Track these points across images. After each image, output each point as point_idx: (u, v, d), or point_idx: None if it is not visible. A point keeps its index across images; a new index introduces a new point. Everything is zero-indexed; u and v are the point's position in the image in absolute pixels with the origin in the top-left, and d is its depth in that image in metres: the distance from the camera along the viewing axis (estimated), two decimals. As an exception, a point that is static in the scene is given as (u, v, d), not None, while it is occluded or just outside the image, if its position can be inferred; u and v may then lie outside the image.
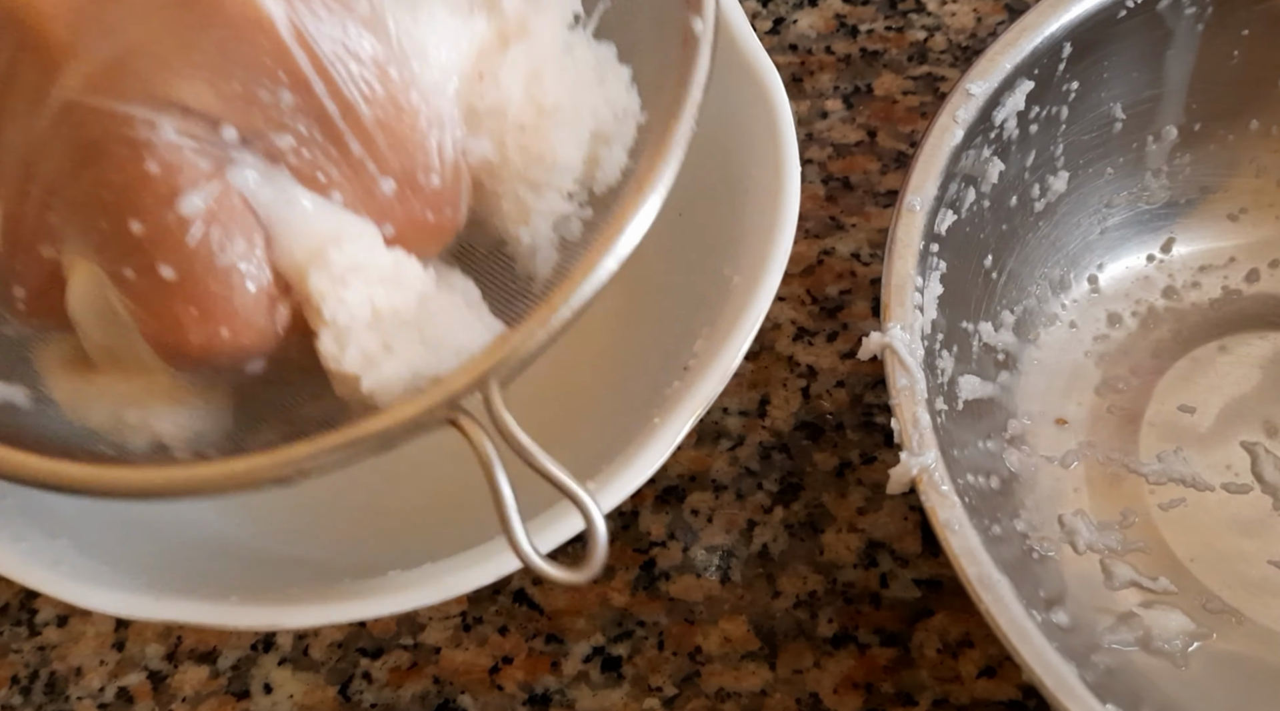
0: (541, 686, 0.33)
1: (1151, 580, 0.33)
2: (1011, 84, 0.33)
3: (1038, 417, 0.36)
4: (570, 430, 0.35)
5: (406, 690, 0.33)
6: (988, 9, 0.46)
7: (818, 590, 0.34)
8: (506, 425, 0.22)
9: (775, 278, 0.29)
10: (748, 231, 0.32)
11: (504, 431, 0.22)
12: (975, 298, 0.35)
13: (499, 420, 0.22)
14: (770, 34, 0.46)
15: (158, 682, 0.34)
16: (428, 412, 0.22)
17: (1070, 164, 0.36)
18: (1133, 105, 0.36)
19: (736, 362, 0.28)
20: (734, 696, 0.33)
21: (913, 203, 0.31)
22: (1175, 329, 0.37)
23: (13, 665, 0.35)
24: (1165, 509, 0.34)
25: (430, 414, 0.22)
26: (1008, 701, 0.32)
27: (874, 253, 0.40)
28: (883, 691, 0.33)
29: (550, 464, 0.22)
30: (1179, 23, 0.35)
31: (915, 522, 0.35)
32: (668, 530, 0.36)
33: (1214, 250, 0.39)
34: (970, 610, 0.26)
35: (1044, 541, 0.33)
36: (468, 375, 0.22)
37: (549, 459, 0.22)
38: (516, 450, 0.22)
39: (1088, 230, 0.38)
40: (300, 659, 0.34)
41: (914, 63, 0.45)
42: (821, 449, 0.37)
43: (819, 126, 0.44)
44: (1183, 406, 0.36)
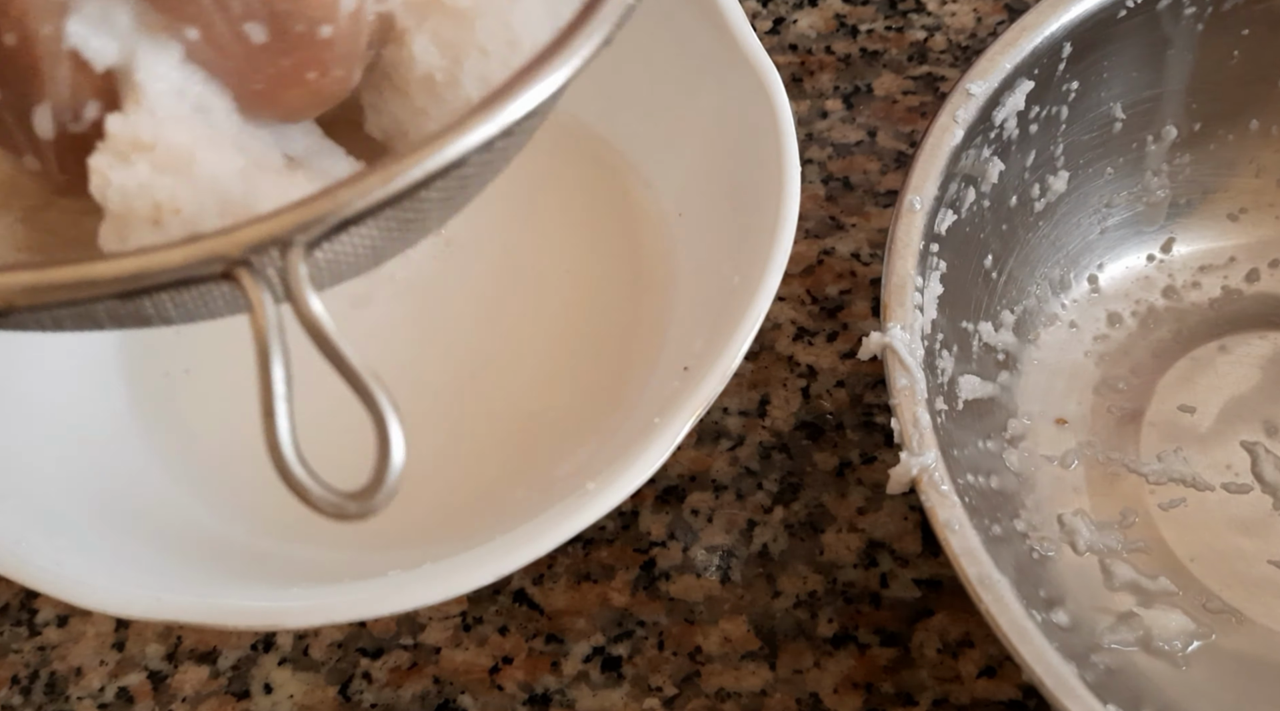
0: (541, 686, 0.33)
1: (1151, 580, 0.33)
2: (1011, 84, 0.33)
3: (1038, 417, 0.36)
4: (570, 430, 0.35)
5: (406, 690, 0.33)
6: (988, 9, 0.46)
7: (818, 590, 0.34)
8: (300, 291, 0.17)
9: (775, 278, 0.29)
10: (748, 231, 0.32)
11: (295, 296, 0.17)
12: (975, 298, 0.35)
13: (292, 284, 0.17)
14: (770, 34, 0.46)
15: (158, 682, 0.34)
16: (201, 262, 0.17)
17: (1070, 164, 0.36)
18: (1133, 105, 0.36)
19: (736, 363, 0.28)
20: (734, 696, 0.33)
21: (913, 203, 0.31)
22: (1175, 329, 0.37)
23: (13, 665, 0.35)
24: (1165, 509, 0.34)
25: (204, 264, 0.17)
26: (1008, 701, 0.32)
27: (874, 253, 0.40)
28: (883, 691, 0.33)
29: (345, 349, 0.17)
30: (1179, 22, 0.35)
31: (915, 522, 0.35)
32: (668, 530, 0.36)
33: (1214, 250, 0.39)
34: (970, 610, 0.26)
35: (1044, 541, 0.33)
36: (266, 227, 0.17)
37: (343, 343, 0.17)
38: (307, 324, 0.17)
39: (1088, 230, 0.38)
40: (300, 659, 0.34)
41: (914, 63, 0.45)
42: (821, 449, 0.37)
43: (819, 126, 0.44)
44: (1183, 406, 0.36)
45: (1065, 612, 0.30)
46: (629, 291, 0.37)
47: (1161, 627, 0.31)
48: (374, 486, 0.17)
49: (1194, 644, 0.32)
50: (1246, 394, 0.36)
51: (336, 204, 0.18)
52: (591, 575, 0.35)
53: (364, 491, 0.17)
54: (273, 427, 0.17)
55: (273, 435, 0.17)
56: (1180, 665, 0.31)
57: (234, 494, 0.34)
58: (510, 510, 0.32)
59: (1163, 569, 0.33)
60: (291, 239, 0.17)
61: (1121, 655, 0.31)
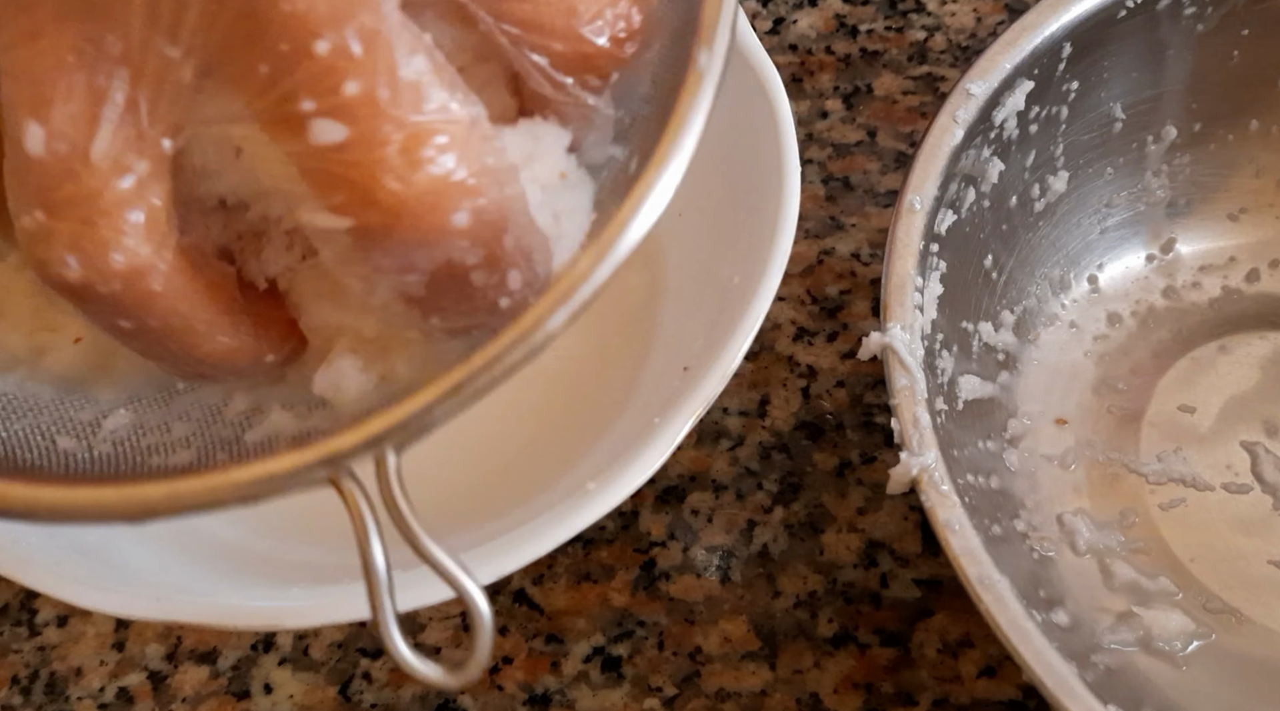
0: (541, 686, 0.33)
1: (1151, 580, 0.33)
2: (1011, 84, 0.33)
3: (1038, 417, 0.36)
4: (570, 430, 0.35)
5: (406, 690, 0.33)
6: (988, 9, 0.46)
7: (818, 590, 0.34)
8: (393, 496, 0.19)
9: (775, 278, 0.29)
10: (748, 231, 0.32)
11: (389, 502, 0.19)
12: (975, 298, 0.35)
13: (387, 490, 0.19)
14: (770, 34, 0.46)
15: (158, 682, 0.34)
16: (304, 470, 0.19)
17: (1070, 164, 0.36)
18: (1133, 105, 0.36)
19: (736, 363, 0.28)
20: (734, 696, 0.33)
21: (913, 203, 0.31)
22: (1175, 329, 0.37)
23: (13, 665, 0.35)
24: (1165, 509, 0.34)
25: (307, 471, 0.19)
26: (1008, 701, 0.32)
27: (874, 253, 0.40)
28: (883, 691, 0.33)
29: (432, 545, 0.19)
30: (1179, 23, 0.35)
31: (915, 522, 0.35)
32: (668, 530, 0.36)
33: (1214, 250, 0.39)
34: (970, 610, 0.26)
35: (1044, 541, 0.33)
36: (357, 435, 0.19)
37: (431, 540, 0.19)
38: (398, 525, 0.19)
39: (1088, 230, 0.38)
40: (300, 659, 0.34)
41: (914, 63, 0.45)
42: (821, 449, 0.37)
43: (819, 126, 0.44)
44: (1183, 406, 0.36)
45: (1065, 612, 0.30)
46: (629, 291, 0.37)
47: (1161, 627, 0.31)
48: (473, 662, 0.19)
49: (1194, 644, 0.32)
50: (1246, 394, 0.36)
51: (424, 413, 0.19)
52: (591, 575, 0.35)
53: (464, 666, 0.19)
54: (384, 620, 0.19)
55: (384, 626, 0.19)
56: (1180, 665, 0.31)
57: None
58: (510, 510, 0.32)
59: (1163, 569, 0.33)
60: (383, 445, 0.19)
61: (1121, 655, 0.31)
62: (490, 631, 0.19)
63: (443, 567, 0.19)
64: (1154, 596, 0.32)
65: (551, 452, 0.34)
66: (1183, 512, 0.34)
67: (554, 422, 0.35)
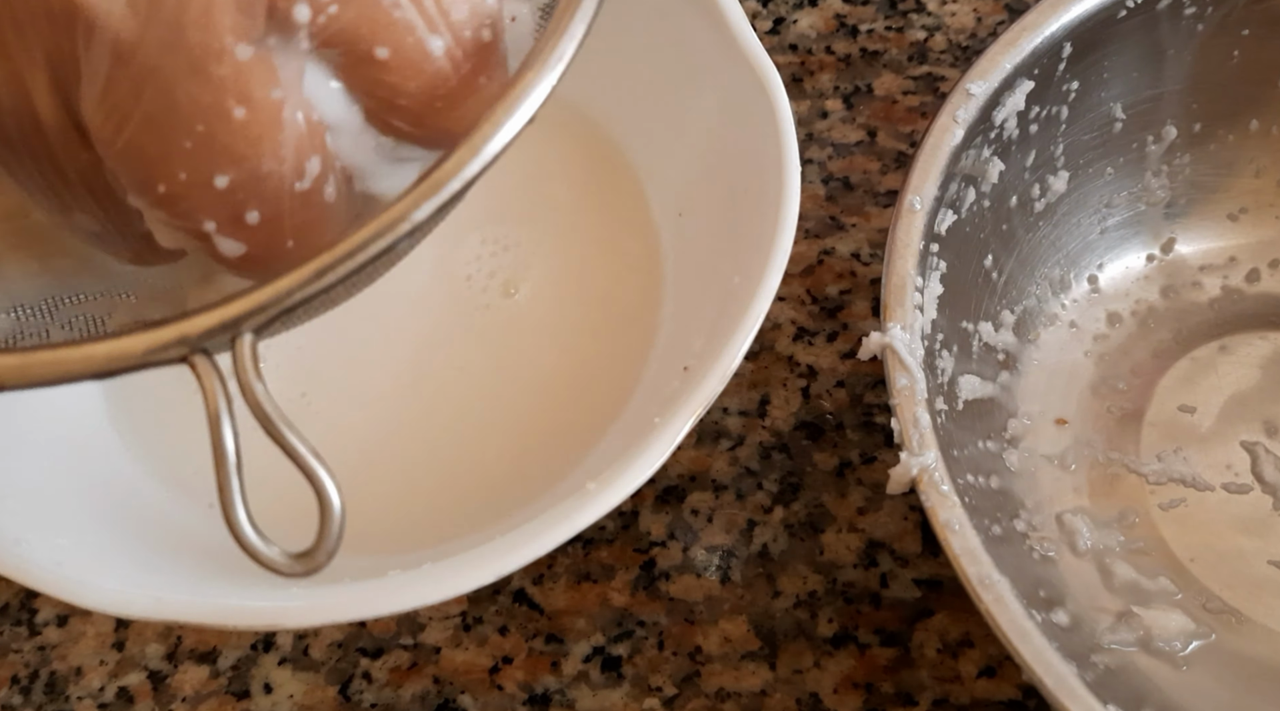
0: (541, 686, 0.33)
1: (1151, 580, 0.33)
2: (1011, 84, 0.33)
3: (1038, 417, 0.36)
4: (569, 430, 0.35)
5: (406, 690, 0.33)
6: (988, 9, 0.46)
7: (818, 590, 0.34)
8: (248, 378, 0.20)
9: (775, 278, 0.29)
10: (748, 231, 0.32)
11: (243, 383, 0.20)
12: (975, 298, 0.35)
13: (242, 370, 0.20)
14: (770, 34, 0.46)
15: (158, 682, 0.34)
16: (159, 348, 0.20)
17: (1070, 164, 0.36)
18: (1133, 105, 0.36)
19: (736, 363, 0.28)
20: (734, 696, 0.33)
21: (913, 203, 0.31)
22: (1175, 329, 0.37)
23: (13, 665, 0.35)
24: (1165, 509, 0.34)
25: (162, 350, 0.20)
26: (1008, 701, 0.32)
27: (874, 253, 0.40)
28: (883, 691, 0.33)
29: (287, 431, 0.20)
30: (1179, 23, 0.35)
31: (915, 522, 0.35)
32: (668, 530, 0.36)
33: (1214, 250, 0.39)
34: (970, 610, 0.26)
35: (1044, 541, 0.33)
36: (213, 317, 0.20)
37: (288, 425, 0.20)
38: (253, 407, 0.20)
39: (1088, 230, 0.38)
40: (300, 659, 0.34)
41: (914, 63, 0.45)
42: (821, 449, 0.37)
43: (819, 126, 0.44)
44: (1183, 406, 0.36)
45: (1065, 612, 0.30)
46: (628, 291, 0.37)
47: (1161, 627, 0.31)
48: (317, 548, 0.20)
49: (1194, 644, 0.32)
50: (1246, 394, 0.36)
51: (278, 294, 0.20)
52: (591, 575, 0.35)
53: (308, 553, 0.20)
54: (229, 499, 0.19)
55: (229, 505, 0.19)
56: (1180, 665, 0.31)
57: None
58: (510, 510, 0.32)
59: (1163, 569, 0.33)
60: (240, 328, 0.20)
61: (1121, 655, 0.31)
62: (340, 521, 0.19)
63: (295, 452, 0.19)
64: (1154, 596, 0.32)
65: (552, 453, 0.34)
66: (1183, 512, 0.34)
67: (555, 423, 0.35)
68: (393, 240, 0.20)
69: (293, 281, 0.20)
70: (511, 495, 0.33)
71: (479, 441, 0.35)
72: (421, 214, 0.20)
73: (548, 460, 0.34)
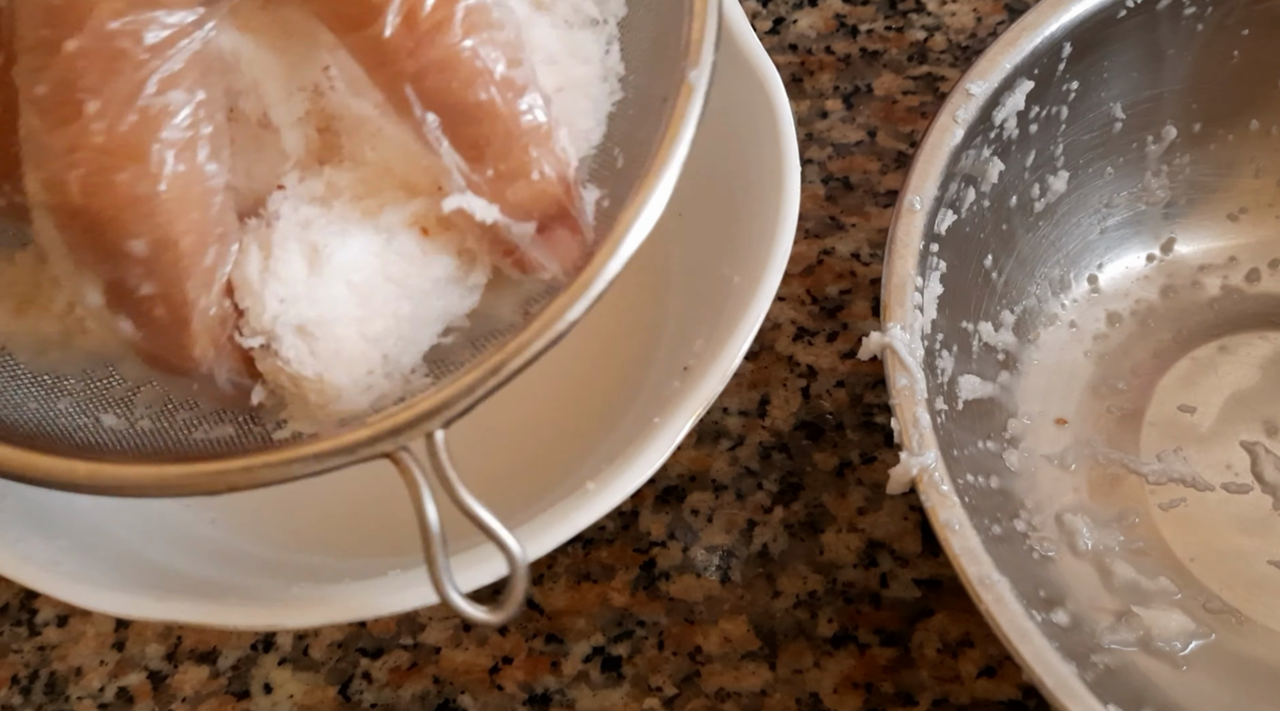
0: (541, 686, 0.33)
1: (1151, 580, 0.33)
2: (1011, 84, 0.33)
3: (1037, 418, 0.36)
4: (570, 430, 0.35)
5: (406, 690, 0.33)
6: (988, 9, 0.46)
7: (818, 590, 0.34)
8: (443, 467, 0.22)
9: (775, 278, 0.29)
10: (748, 231, 0.32)
11: (440, 473, 0.22)
12: (975, 298, 0.35)
13: (436, 461, 0.22)
14: (770, 34, 0.46)
15: (158, 682, 0.34)
16: (367, 443, 0.22)
17: (1070, 164, 0.36)
18: (1133, 105, 0.36)
19: (736, 363, 0.28)
20: (734, 696, 0.33)
21: (913, 203, 0.31)
22: (1175, 329, 0.37)
23: (13, 665, 0.35)
24: (1165, 509, 0.34)
25: (369, 446, 0.22)
26: (1008, 701, 0.32)
27: (874, 253, 0.40)
28: (883, 691, 0.33)
29: (478, 507, 0.22)
30: (1179, 23, 0.35)
31: (915, 522, 0.35)
32: (668, 530, 0.36)
33: (1214, 250, 0.39)
34: (970, 610, 0.26)
35: (1044, 541, 0.33)
36: (410, 412, 0.22)
37: (477, 502, 0.22)
38: (449, 492, 0.22)
39: (1088, 230, 0.38)
40: (300, 659, 0.34)
41: (914, 63, 0.45)
42: (821, 449, 0.37)
43: (819, 126, 0.44)
44: (1183, 406, 0.36)
45: (1065, 612, 0.30)
46: (628, 291, 0.37)
47: (1161, 627, 0.31)
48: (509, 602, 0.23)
49: (1194, 644, 0.32)
50: (1246, 394, 0.36)
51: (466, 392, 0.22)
52: (591, 575, 0.35)
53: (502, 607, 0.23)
54: (437, 572, 0.22)
55: (439, 579, 0.22)
56: (1180, 665, 0.31)
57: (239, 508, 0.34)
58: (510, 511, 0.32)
59: (1163, 569, 0.33)
60: (433, 426, 0.22)
61: (1121, 655, 0.31)
62: (525, 577, 0.23)
63: (485, 525, 0.22)
64: (1154, 596, 0.32)
65: (554, 455, 0.34)
66: (1183, 512, 0.34)
67: (558, 425, 0.35)
68: (552, 338, 0.23)
69: (473, 379, 0.23)
70: (512, 496, 0.33)
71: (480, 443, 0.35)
72: (575, 313, 0.23)
73: (549, 462, 0.34)
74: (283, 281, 0.22)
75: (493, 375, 0.23)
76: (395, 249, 0.23)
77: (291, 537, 0.33)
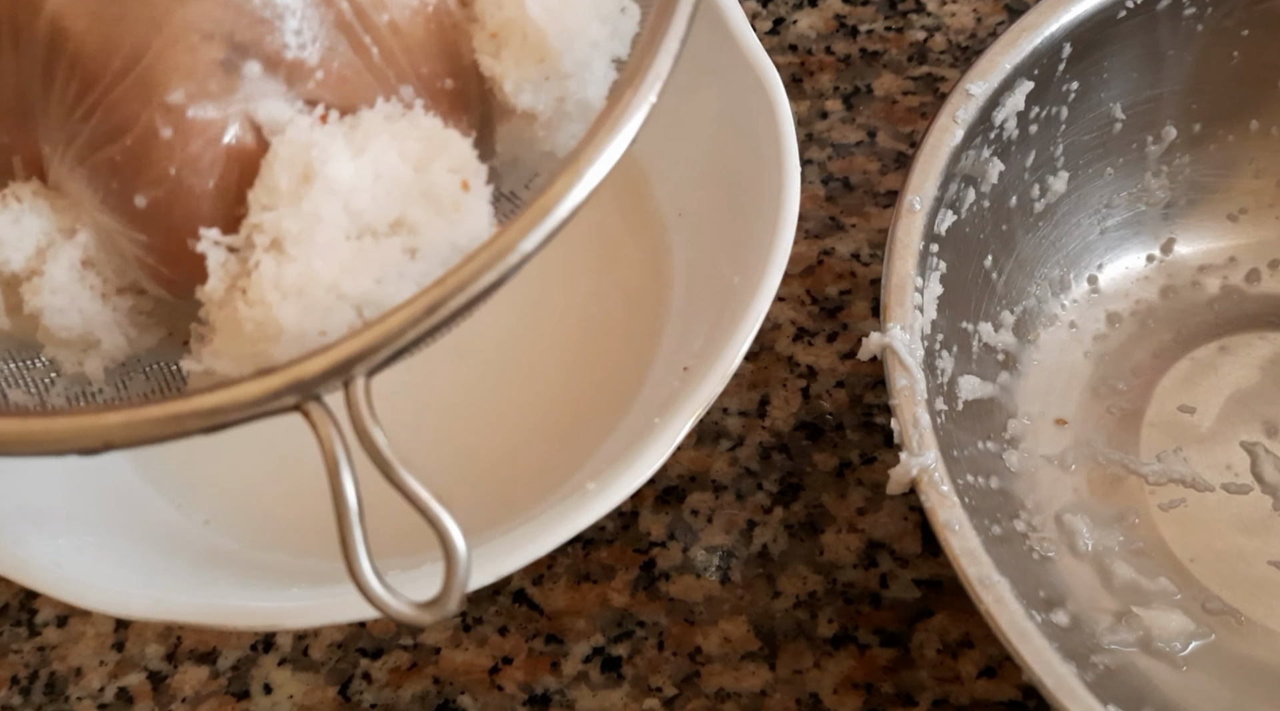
0: (541, 686, 0.33)
1: (1151, 580, 0.33)
2: (1011, 84, 0.33)
3: (1037, 418, 0.36)
4: (570, 430, 0.35)
5: (406, 690, 0.33)
6: (988, 9, 0.46)
7: (818, 590, 0.34)
8: (364, 423, 0.19)
9: (775, 278, 0.29)
10: (748, 231, 0.32)
11: (360, 429, 0.19)
12: (975, 298, 0.35)
13: (357, 417, 0.19)
14: (770, 34, 0.46)
15: (158, 682, 0.34)
16: (271, 396, 0.19)
17: (1070, 164, 0.36)
18: (1133, 105, 0.36)
19: (736, 363, 0.28)
20: (734, 696, 0.33)
21: (913, 203, 0.31)
22: (1175, 329, 0.37)
23: (13, 665, 0.35)
24: (1165, 509, 0.34)
25: (274, 398, 0.19)
26: (1008, 701, 0.32)
27: (874, 253, 0.40)
28: (883, 691, 0.33)
29: (407, 476, 0.19)
30: (1179, 23, 0.35)
31: (915, 522, 0.35)
32: (668, 530, 0.36)
33: (1214, 250, 0.39)
34: (970, 610, 0.26)
35: (1044, 541, 0.33)
36: (325, 360, 0.19)
37: (405, 470, 0.19)
38: (371, 454, 0.19)
39: (1088, 230, 0.38)
40: (300, 659, 0.34)
41: (914, 63, 0.45)
42: (821, 449, 0.37)
43: (819, 126, 0.44)
44: (1183, 406, 0.36)
45: (1065, 612, 0.30)
46: (629, 292, 0.37)
47: (1161, 627, 0.31)
48: (445, 596, 0.19)
49: (1194, 644, 0.32)
50: (1246, 394, 0.36)
51: (395, 335, 0.19)
52: (591, 575, 0.35)
53: (436, 601, 0.19)
54: (352, 550, 0.19)
55: (352, 557, 0.19)
56: (1180, 665, 0.31)
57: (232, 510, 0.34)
58: (510, 510, 0.32)
59: (1163, 569, 0.33)
60: (353, 371, 0.19)
61: (1121, 655, 0.31)
62: (466, 565, 0.19)
63: (416, 496, 0.19)
64: (1154, 596, 0.32)
65: (555, 456, 0.34)
66: (1183, 512, 0.34)
67: (554, 423, 0.35)
68: (502, 272, 0.20)
69: (405, 318, 0.19)
70: (513, 497, 0.33)
71: (477, 441, 0.35)
72: (530, 244, 0.20)
73: (547, 460, 0.34)
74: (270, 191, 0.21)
75: (428, 315, 0.19)
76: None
77: (289, 539, 0.33)
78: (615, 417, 0.34)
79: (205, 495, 0.34)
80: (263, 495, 0.34)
